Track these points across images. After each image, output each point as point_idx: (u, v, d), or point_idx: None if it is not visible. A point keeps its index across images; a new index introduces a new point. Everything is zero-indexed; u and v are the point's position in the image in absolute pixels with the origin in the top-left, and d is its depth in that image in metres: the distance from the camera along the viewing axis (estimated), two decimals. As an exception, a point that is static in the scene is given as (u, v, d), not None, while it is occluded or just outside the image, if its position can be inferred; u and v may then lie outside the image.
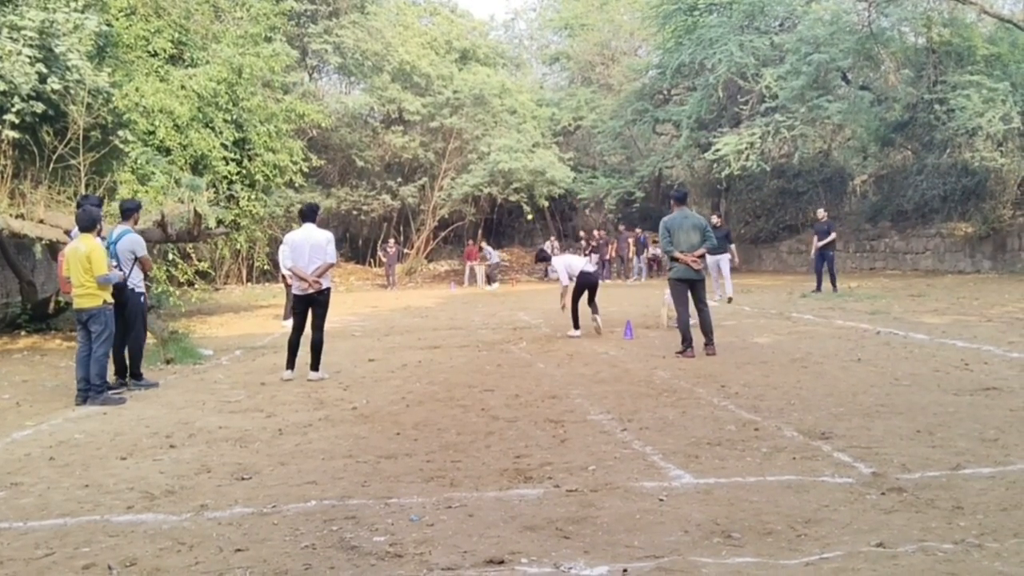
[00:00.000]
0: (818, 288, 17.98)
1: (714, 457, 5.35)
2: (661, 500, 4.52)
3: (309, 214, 9.55)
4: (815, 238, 18.25)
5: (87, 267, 8.07)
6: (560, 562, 3.69)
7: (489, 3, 68.16)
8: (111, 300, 8.31)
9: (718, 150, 24.39)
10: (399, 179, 30.94)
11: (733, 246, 17.21)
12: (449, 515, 4.39)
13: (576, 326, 12.32)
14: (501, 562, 3.71)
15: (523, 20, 44.17)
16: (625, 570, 3.59)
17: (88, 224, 8.34)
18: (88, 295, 8.12)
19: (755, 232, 31.45)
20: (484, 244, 29.95)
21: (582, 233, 31.21)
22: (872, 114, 23.52)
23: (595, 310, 12.39)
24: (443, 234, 32.98)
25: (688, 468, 5.10)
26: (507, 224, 36.94)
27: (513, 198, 30.25)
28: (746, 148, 23.88)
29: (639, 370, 9.03)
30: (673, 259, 10.09)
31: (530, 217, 31.69)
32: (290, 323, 13.05)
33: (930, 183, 23.38)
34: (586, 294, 12.25)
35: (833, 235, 18.12)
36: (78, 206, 9.13)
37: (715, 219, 17.55)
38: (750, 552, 3.75)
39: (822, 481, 4.76)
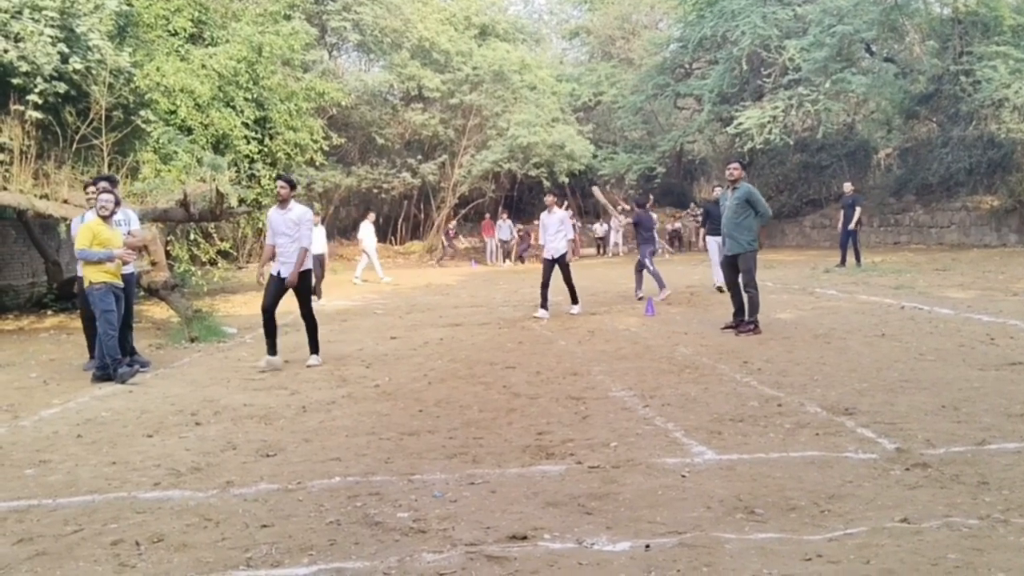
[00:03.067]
0: (842, 262, 17.82)
1: (737, 433, 5.34)
2: (683, 476, 4.53)
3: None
4: (842, 212, 18.05)
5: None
6: (583, 538, 3.71)
7: (508, -22, 67.70)
8: (97, 280, 8.17)
9: (740, 124, 24.20)
10: (419, 156, 30.89)
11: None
12: (472, 491, 4.41)
13: (542, 304, 12.00)
14: (524, 538, 3.73)
15: (542, -6, 43.83)
16: (647, 546, 3.59)
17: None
18: (85, 275, 8.19)
19: (778, 207, 31.14)
20: (502, 219, 29.53)
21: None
22: (897, 86, 23.24)
23: (572, 297, 12.25)
24: (463, 211, 32.94)
25: (710, 444, 5.10)
26: (527, 201, 36.83)
27: (533, 173, 30.14)
28: (769, 122, 23.68)
29: (661, 346, 9.02)
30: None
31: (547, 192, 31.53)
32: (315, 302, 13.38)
33: (955, 156, 23.09)
34: (558, 273, 12.02)
35: (859, 209, 17.86)
36: (90, 184, 9.09)
37: (717, 192, 14.25)
38: (773, 528, 3.75)
39: (846, 457, 4.75)
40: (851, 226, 17.62)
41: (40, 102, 11.41)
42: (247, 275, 20.49)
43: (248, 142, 16.31)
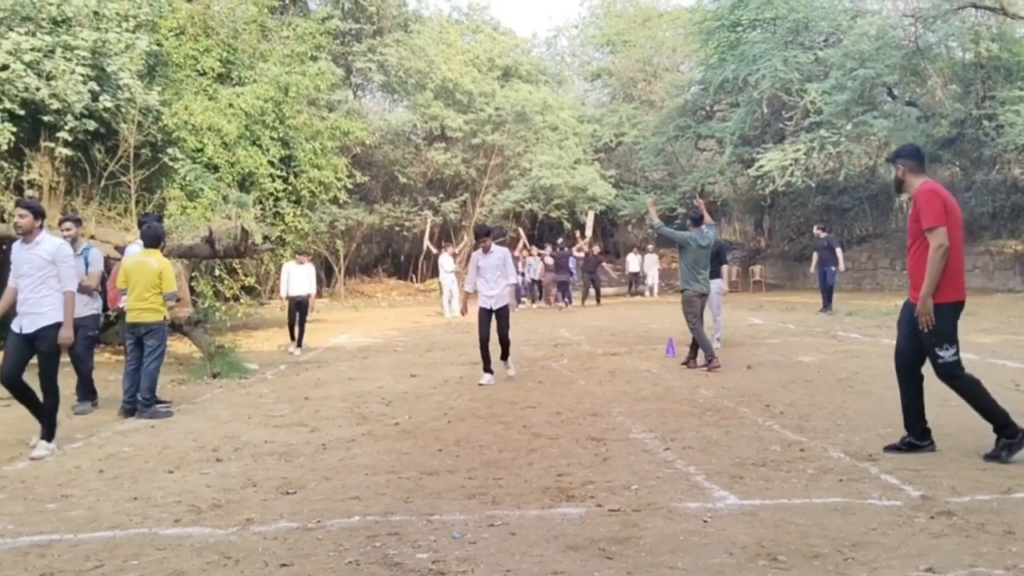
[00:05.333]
0: (824, 307, 17.80)
1: (759, 478, 5.30)
2: (705, 521, 4.49)
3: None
4: (815, 255, 18.13)
5: (156, 283, 8.27)
6: (603, 582, 3.68)
7: (531, 21, 68.54)
8: (168, 317, 8.47)
9: (762, 166, 24.21)
10: (441, 195, 31.12)
11: (725, 267, 13.10)
12: (491, 533, 4.39)
13: (485, 368, 9.91)
14: (544, 581, 3.70)
15: (565, 37, 44.20)
16: (669, 591, 3.56)
17: (154, 240, 8.54)
18: (150, 310, 8.30)
19: (799, 249, 31.14)
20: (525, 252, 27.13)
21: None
22: (919, 130, 23.20)
23: (504, 351, 10.17)
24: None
25: (732, 489, 5.06)
26: (548, 240, 36.95)
27: (554, 214, 30.26)
28: (790, 164, 23.68)
29: (681, 388, 8.97)
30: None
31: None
32: (292, 346, 13.74)
33: (979, 200, 22.98)
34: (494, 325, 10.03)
35: (839, 251, 18.04)
36: (140, 224, 9.34)
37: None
38: (796, 575, 3.70)
39: (870, 504, 4.70)
40: (826, 265, 17.72)
41: (70, 139, 11.62)
42: (269, 311, 20.62)
43: (273, 180, 16.51)
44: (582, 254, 25.24)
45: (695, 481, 5.29)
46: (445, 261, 21.41)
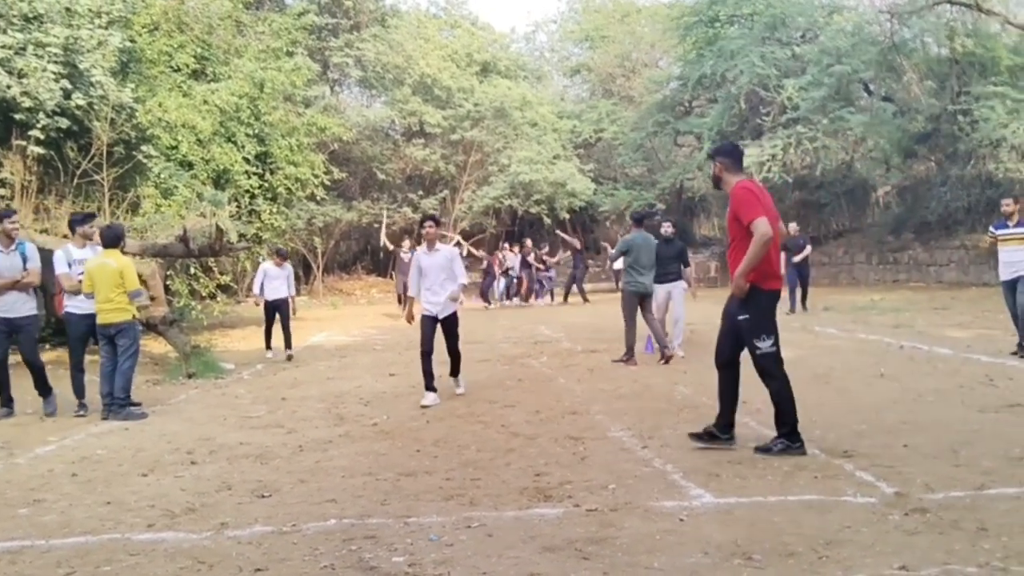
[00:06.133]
0: (792, 308, 16.73)
1: (735, 476, 5.31)
2: (681, 520, 4.50)
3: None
4: (783, 254, 16.58)
5: (119, 282, 8.16)
6: (579, 584, 3.67)
7: (510, 16, 68.41)
8: (137, 315, 8.38)
9: (739, 162, 24.27)
10: (420, 192, 30.99)
11: (690, 270, 12.25)
12: (468, 535, 4.38)
13: (427, 386, 8.53)
14: (520, 584, 3.69)
15: (544, 32, 44.08)
16: (645, 593, 3.56)
17: (113, 240, 8.43)
18: (117, 310, 8.20)
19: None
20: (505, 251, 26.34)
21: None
22: (895, 125, 23.35)
23: (454, 366, 8.97)
24: (470, 243, 33.03)
25: (709, 487, 5.07)
26: (528, 236, 36.97)
27: (534, 210, 30.23)
28: (768, 160, 23.76)
29: (660, 385, 8.99)
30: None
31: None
32: (269, 353, 12.96)
33: (954, 194, 23.15)
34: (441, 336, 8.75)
35: (808, 249, 17.48)
36: (71, 224, 9.10)
37: (667, 228, 11.95)
38: (771, 574, 3.72)
39: (844, 501, 4.72)
40: (799, 264, 16.99)
41: (42, 137, 11.48)
42: (246, 309, 20.49)
43: (249, 177, 16.39)
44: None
45: (672, 480, 5.30)
46: (405, 257, 21.31)
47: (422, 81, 29.51)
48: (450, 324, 8.65)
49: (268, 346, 13.13)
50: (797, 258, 16.79)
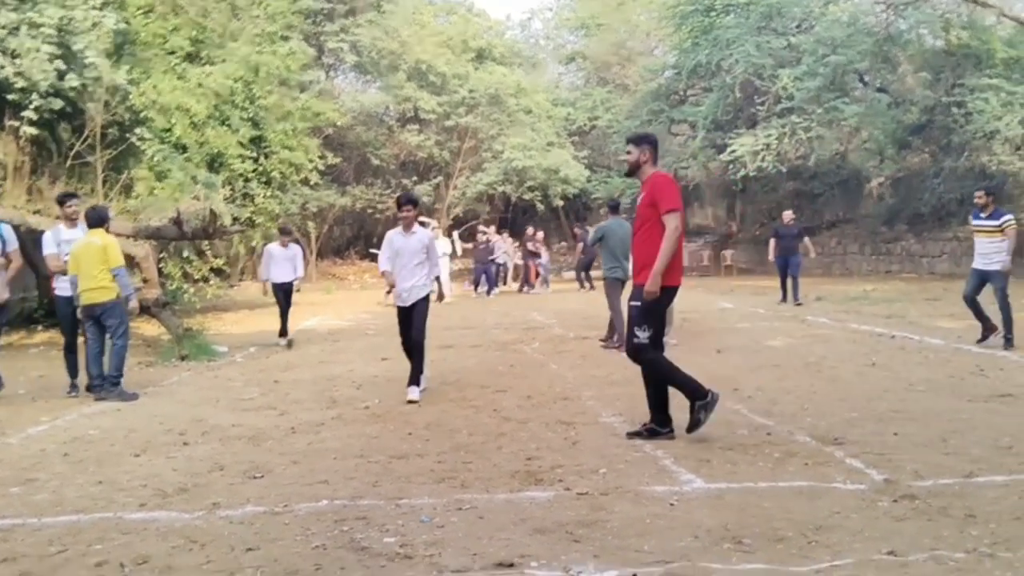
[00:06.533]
0: (783, 298, 16.54)
1: (726, 462, 5.34)
2: (672, 505, 4.52)
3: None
4: (772, 241, 16.85)
5: (103, 259, 8.10)
6: (570, 566, 3.70)
7: (505, 2, 68.12)
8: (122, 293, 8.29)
9: (734, 151, 24.28)
10: (414, 177, 30.95)
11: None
12: (459, 516, 4.40)
13: (413, 379, 7.89)
14: (511, 565, 3.72)
15: (539, 19, 43.86)
16: (635, 575, 3.58)
17: (98, 221, 8.38)
18: (101, 289, 8.14)
19: (770, 234, 31.33)
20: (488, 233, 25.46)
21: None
22: (889, 116, 23.38)
23: (415, 371, 7.96)
24: (457, 233, 33.02)
25: (699, 473, 5.10)
26: (522, 223, 36.93)
27: (527, 196, 30.23)
28: (762, 149, 23.76)
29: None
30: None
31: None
32: (283, 340, 12.37)
33: (947, 186, 23.20)
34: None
35: (806, 240, 17.07)
36: (60, 202, 9.06)
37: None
38: (761, 559, 3.74)
39: (834, 487, 4.75)
40: (791, 254, 16.41)
41: (35, 118, 11.43)
42: (239, 293, 20.48)
43: (243, 161, 16.33)
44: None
45: (663, 465, 5.33)
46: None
47: (417, 67, 29.44)
48: (418, 310, 8.00)
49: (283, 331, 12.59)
50: (812, 254, 16.74)
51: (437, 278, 8.43)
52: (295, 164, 18.41)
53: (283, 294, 12.50)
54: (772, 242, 16.79)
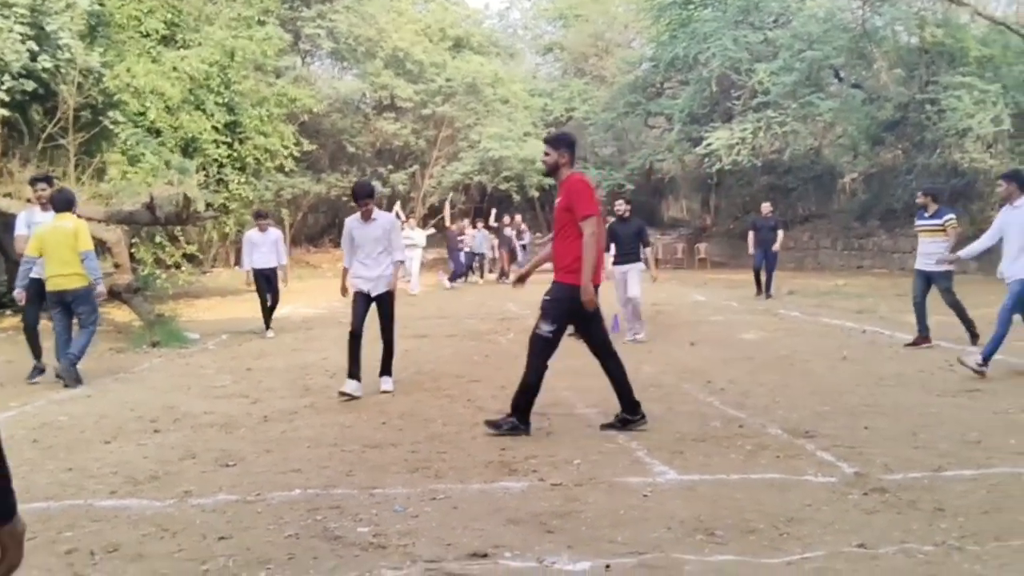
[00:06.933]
0: (759, 291, 16.41)
1: (699, 454, 5.37)
2: (645, 496, 4.54)
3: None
4: (751, 234, 16.58)
5: (73, 244, 7.99)
6: (543, 556, 3.71)
7: (484, -9, 67.84)
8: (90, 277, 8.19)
9: (709, 144, 24.38)
10: (390, 166, 30.84)
11: (650, 250, 11.41)
12: (433, 507, 4.40)
13: (350, 372, 7.49)
14: (485, 555, 3.72)
15: (517, 9, 43.87)
16: (608, 566, 3.60)
17: (66, 205, 8.27)
18: (74, 275, 8.04)
19: (744, 227, 31.52)
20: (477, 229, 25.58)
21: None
22: (863, 112, 23.55)
23: (385, 361, 7.79)
24: (433, 222, 32.94)
25: (673, 464, 5.12)
26: (498, 213, 36.93)
27: (503, 187, 30.21)
28: (737, 143, 23.88)
29: (627, 363, 8.98)
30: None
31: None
32: (270, 332, 11.94)
33: (920, 183, 23.26)
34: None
35: (781, 235, 16.69)
36: (32, 182, 8.97)
37: (621, 205, 11.29)
38: (733, 550, 3.77)
39: (805, 480, 4.79)
40: (768, 246, 16.23)
41: (7, 99, 11.28)
42: (212, 279, 20.33)
43: (217, 146, 16.23)
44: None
45: (636, 456, 5.35)
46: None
47: (394, 55, 29.31)
48: (385, 304, 7.65)
49: (267, 324, 12.08)
50: (776, 247, 16.30)
51: (401, 262, 8.05)
52: (270, 150, 18.31)
53: (265, 280, 12.01)
54: (751, 235, 16.69)
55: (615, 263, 10.89)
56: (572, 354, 9.76)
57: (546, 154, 6.19)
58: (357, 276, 7.67)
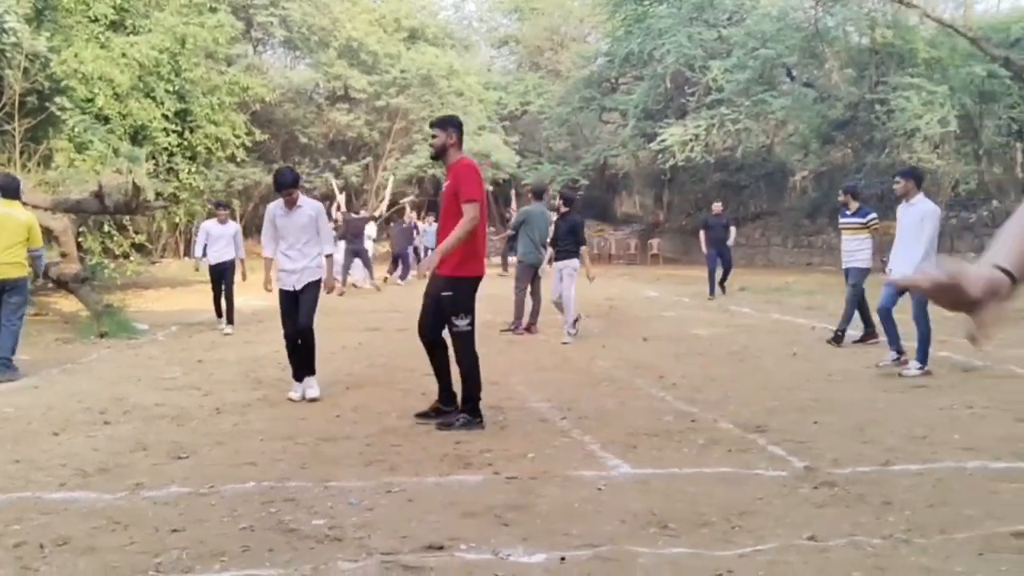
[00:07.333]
0: (712, 294, 15.97)
1: (652, 448, 5.42)
2: (599, 489, 4.58)
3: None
4: (703, 233, 16.28)
5: (24, 237, 7.85)
6: (499, 549, 3.72)
7: (440, -17, 67.55)
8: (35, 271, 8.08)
9: (663, 140, 24.57)
10: (343, 157, 30.61)
11: (584, 249, 10.81)
12: (388, 499, 4.39)
13: (296, 376, 7.12)
14: (440, 548, 3.72)
15: (473, 1, 43.82)
16: (563, 558, 3.62)
17: (13, 191, 8.09)
18: (16, 264, 7.89)
19: (696, 224, 31.81)
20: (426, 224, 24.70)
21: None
22: (815, 111, 23.90)
23: (304, 356, 7.10)
24: (387, 214, 32.76)
25: (626, 458, 5.17)
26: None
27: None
28: (691, 140, 24.09)
29: (579, 358, 9.10)
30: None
31: None
32: (222, 324, 11.46)
33: (868, 182, 23.75)
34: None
35: (733, 232, 16.61)
36: None
37: (559, 202, 11.26)
38: (685, 543, 3.81)
39: (757, 474, 4.86)
40: (722, 245, 16.05)
41: (-51, 83, 11.01)
42: (161, 270, 20.04)
43: (167, 134, 15.98)
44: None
45: (590, 450, 5.39)
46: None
47: (348, 45, 29.08)
48: (307, 295, 7.05)
49: (219, 314, 11.60)
50: (730, 241, 16.22)
51: (329, 256, 7.50)
52: (221, 139, 18.07)
53: (220, 276, 11.45)
54: (702, 234, 16.43)
55: (554, 259, 10.83)
56: (525, 348, 9.83)
57: (433, 136, 6.14)
58: (281, 269, 7.06)
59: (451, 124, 6.16)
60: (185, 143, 16.92)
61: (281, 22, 29.27)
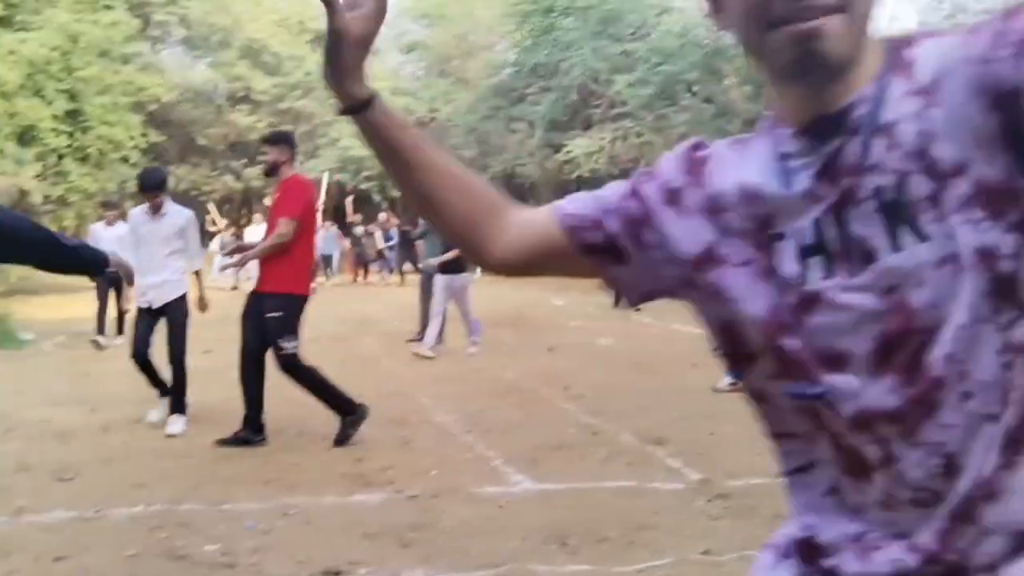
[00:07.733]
0: (616, 303, 15.35)
1: (554, 461, 5.44)
2: (501, 507, 4.57)
3: None
4: None
5: None
6: (399, 571, 3.69)
7: (346, -14, 66.99)
8: None
9: (570, 151, 24.83)
10: (244, 160, 30.05)
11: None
12: (286, 522, 4.30)
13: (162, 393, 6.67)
14: (339, 572, 3.67)
15: (381, 6, 43.49)
16: (463, 580, 3.61)
17: None
18: None
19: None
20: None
21: None
22: (714, 126, 24.44)
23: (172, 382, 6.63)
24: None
25: (529, 473, 5.17)
26: (357, 212, 36.48)
27: (364, 186, 29.89)
28: (596, 151, 24.42)
29: (486, 369, 9.09)
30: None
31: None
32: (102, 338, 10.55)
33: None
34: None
35: None
36: None
37: None
38: (585, 559, 3.83)
39: (654, 487, 4.92)
40: None
41: None
42: (48, 275, 19.29)
43: (57, 135, 15.44)
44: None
45: (494, 465, 5.38)
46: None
47: (250, 45, 28.63)
48: (173, 315, 6.50)
49: (100, 329, 10.65)
50: None
51: (197, 273, 6.85)
52: (114, 141, 17.55)
53: (110, 284, 10.29)
54: None
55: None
56: (432, 361, 9.76)
57: (264, 152, 6.04)
58: (138, 284, 6.12)
59: (284, 141, 6.04)
60: (76, 144, 16.38)
61: (180, 20, 28.64)
